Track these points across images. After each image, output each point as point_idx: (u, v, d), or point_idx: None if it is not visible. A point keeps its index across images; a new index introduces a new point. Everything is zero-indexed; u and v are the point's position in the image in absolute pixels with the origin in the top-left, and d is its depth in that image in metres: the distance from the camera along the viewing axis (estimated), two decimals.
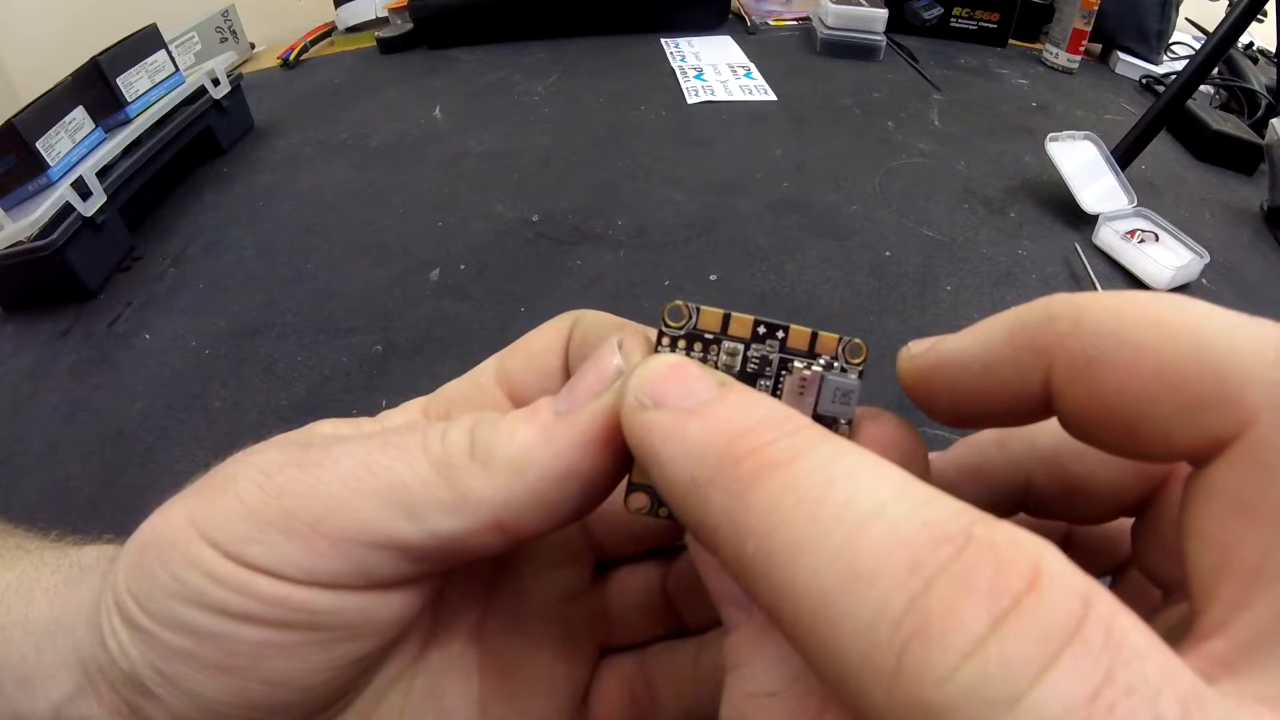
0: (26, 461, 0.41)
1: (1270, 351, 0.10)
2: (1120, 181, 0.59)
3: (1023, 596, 0.08)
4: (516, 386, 0.18)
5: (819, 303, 0.49)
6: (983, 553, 0.09)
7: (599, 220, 0.57)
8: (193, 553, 0.13)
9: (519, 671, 0.18)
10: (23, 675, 0.15)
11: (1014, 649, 0.08)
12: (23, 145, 0.50)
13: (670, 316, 0.15)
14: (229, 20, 0.83)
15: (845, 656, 0.09)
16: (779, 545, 0.10)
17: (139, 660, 0.14)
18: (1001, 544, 0.09)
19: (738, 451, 0.11)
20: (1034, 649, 0.08)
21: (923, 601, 0.08)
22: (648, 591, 0.20)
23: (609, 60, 0.84)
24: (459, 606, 0.18)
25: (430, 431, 0.15)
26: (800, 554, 0.09)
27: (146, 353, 0.47)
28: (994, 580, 0.08)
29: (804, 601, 0.09)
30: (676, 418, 0.12)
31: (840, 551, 0.09)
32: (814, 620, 0.09)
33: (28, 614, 0.16)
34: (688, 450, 0.11)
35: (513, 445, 0.14)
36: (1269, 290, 0.54)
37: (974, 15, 0.90)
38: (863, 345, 0.15)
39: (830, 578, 0.09)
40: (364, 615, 0.14)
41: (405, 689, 0.17)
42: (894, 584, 0.09)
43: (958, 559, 0.09)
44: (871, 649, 0.09)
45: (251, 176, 0.65)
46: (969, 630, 0.08)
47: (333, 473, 0.14)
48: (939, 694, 0.08)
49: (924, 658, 0.08)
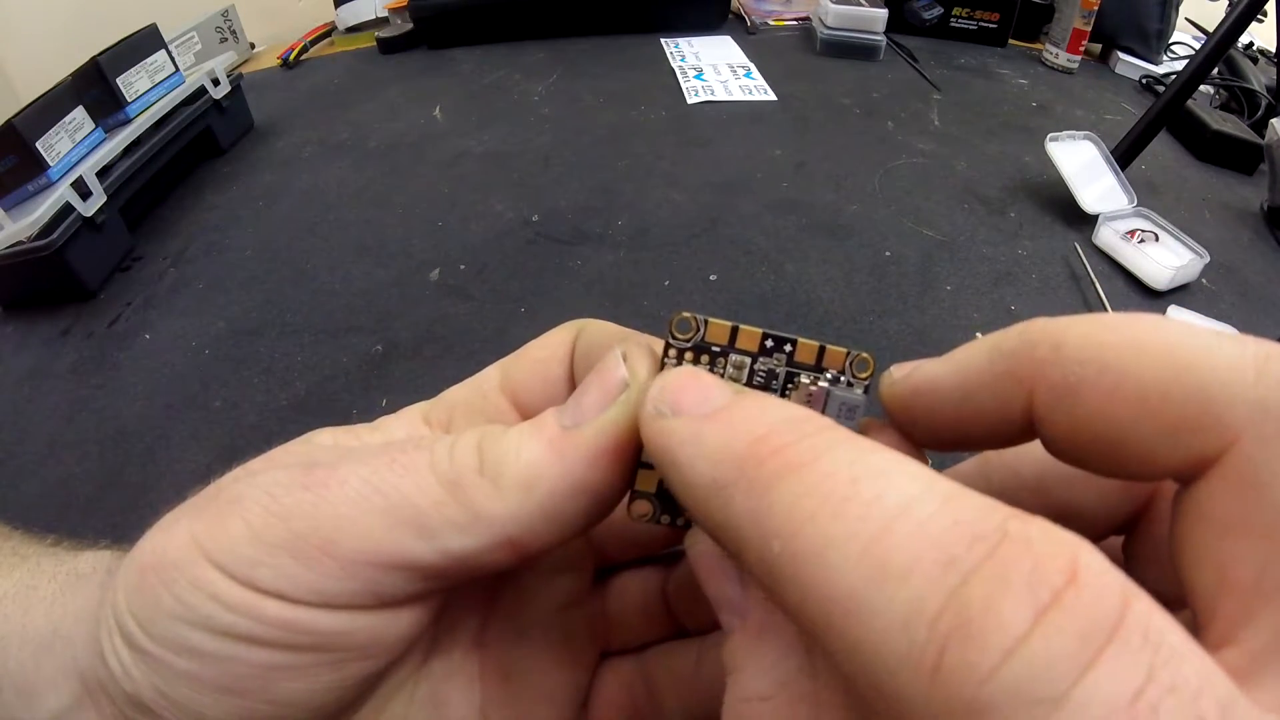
0: (26, 461, 0.41)
1: (1250, 371, 0.10)
2: (1120, 181, 0.59)
3: (1062, 592, 0.08)
4: (521, 395, 0.18)
5: (819, 303, 0.49)
6: (1019, 548, 0.09)
7: (599, 220, 0.57)
8: (198, 575, 0.13)
9: (520, 677, 0.18)
10: (22, 685, 0.15)
11: (1057, 646, 0.08)
12: (23, 145, 0.50)
13: (678, 329, 0.15)
14: (229, 20, 0.83)
15: (880, 656, 0.09)
16: (805, 545, 0.10)
17: (141, 681, 0.14)
18: (1037, 539, 0.09)
19: (759, 453, 0.11)
20: (1076, 646, 0.08)
21: (960, 598, 0.08)
22: (647, 596, 0.20)
23: (609, 60, 0.84)
24: (461, 615, 0.18)
25: (437, 448, 0.14)
26: (827, 552, 0.09)
27: (146, 353, 0.47)
28: (1032, 576, 0.08)
29: (833, 602, 0.09)
30: (694, 422, 0.12)
31: (869, 549, 0.09)
32: (844, 621, 0.09)
33: (25, 623, 0.16)
34: (708, 453, 0.11)
35: (521, 462, 0.14)
36: (1269, 290, 0.54)
37: (974, 15, 0.90)
38: (870, 359, 0.15)
39: (860, 576, 0.09)
40: (373, 634, 0.14)
41: (408, 697, 0.17)
42: (928, 581, 0.08)
43: (994, 554, 0.08)
44: (908, 648, 0.08)
45: (251, 176, 0.65)
46: (1011, 627, 0.08)
47: (340, 493, 0.14)
48: (982, 693, 0.08)
49: (964, 656, 0.08)
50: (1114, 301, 0.48)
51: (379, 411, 0.19)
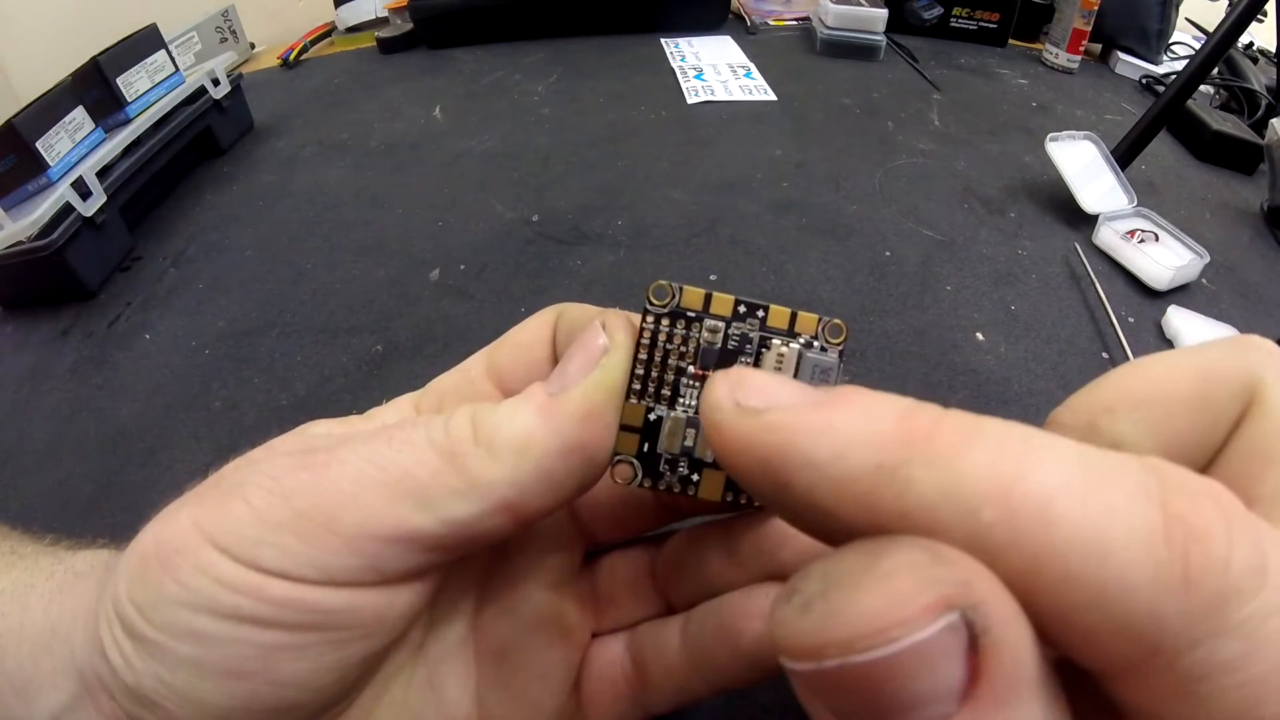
0: (26, 461, 0.41)
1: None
2: (1120, 181, 0.59)
3: (1219, 491, 0.09)
4: (506, 379, 0.19)
5: (819, 302, 0.49)
6: (1168, 468, 0.10)
7: (599, 220, 0.57)
8: (201, 559, 0.13)
9: (514, 658, 0.18)
10: (19, 684, 0.15)
11: (1251, 533, 0.09)
12: (23, 145, 0.50)
13: (655, 295, 0.15)
14: (229, 20, 0.83)
15: (1133, 587, 0.09)
16: (1023, 505, 0.09)
17: (143, 671, 0.14)
18: (1185, 473, 0.10)
19: (917, 429, 0.10)
20: (1252, 524, 0.09)
21: (1174, 514, 0.09)
22: (636, 575, 0.20)
23: (609, 60, 0.84)
24: (455, 599, 0.19)
25: (432, 423, 0.15)
26: (1050, 506, 0.09)
27: (146, 353, 0.47)
28: (1205, 488, 0.10)
29: (1071, 551, 0.09)
30: (815, 412, 0.11)
31: (1088, 494, 0.09)
32: (1085, 567, 0.09)
33: (23, 621, 0.16)
34: (862, 439, 0.10)
35: (514, 428, 0.14)
36: (1269, 290, 0.54)
37: (974, 15, 0.90)
38: (843, 325, 0.16)
39: (1090, 520, 0.09)
40: (375, 612, 0.15)
41: (406, 680, 0.17)
42: (1146, 508, 0.09)
43: (1162, 477, 0.10)
44: (1156, 568, 0.09)
45: (251, 176, 0.65)
46: (1218, 525, 0.09)
47: (341, 471, 0.14)
48: (1228, 580, 0.09)
49: (1206, 553, 0.09)
50: (1114, 301, 0.48)
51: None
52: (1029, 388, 0.43)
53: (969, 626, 0.09)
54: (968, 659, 0.09)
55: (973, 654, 0.09)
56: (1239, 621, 0.09)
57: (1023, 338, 0.47)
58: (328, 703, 0.15)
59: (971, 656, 0.09)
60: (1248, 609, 0.09)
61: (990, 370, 0.44)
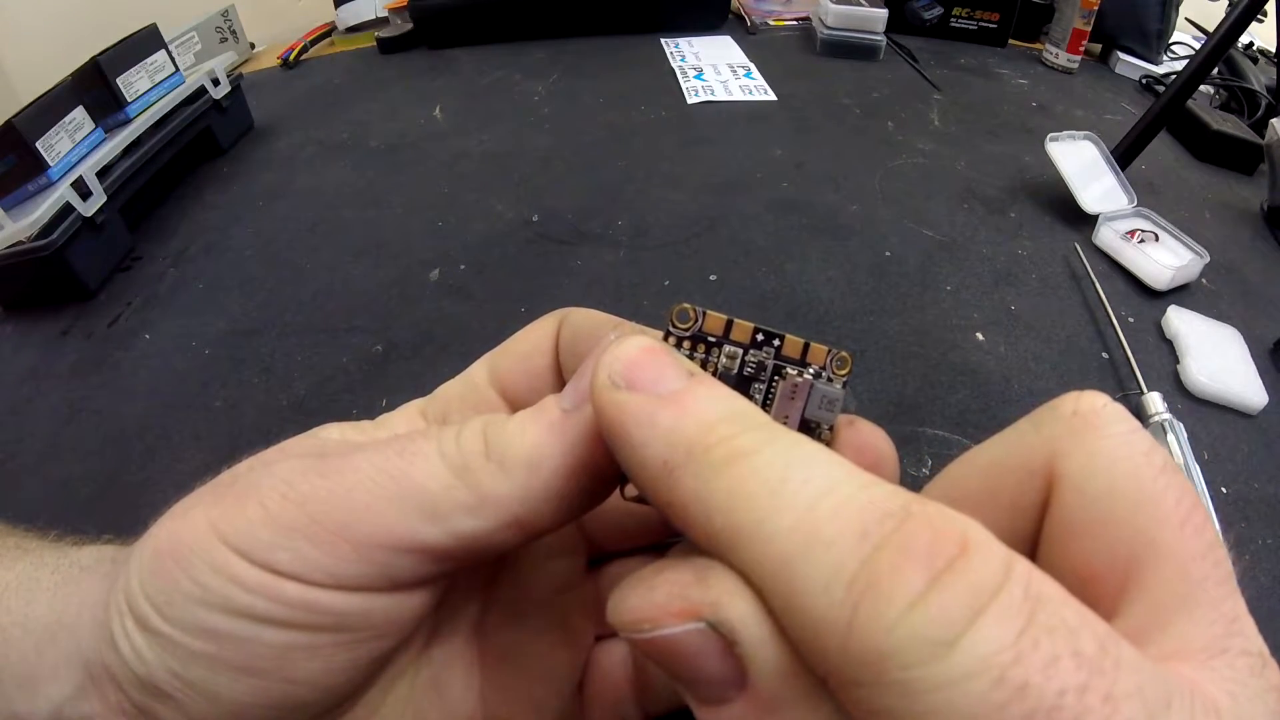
0: (26, 461, 0.41)
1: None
2: (1120, 181, 0.59)
3: (955, 560, 0.10)
4: (508, 387, 0.19)
5: (819, 302, 0.49)
6: (920, 524, 0.10)
7: (599, 220, 0.57)
8: (217, 558, 0.14)
9: (518, 660, 0.19)
10: (23, 675, 0.15)
11: (950, 601, 0.09)
12: (23, 145, 0.50)
13: (678, 319, 0.16)
14: (229, 20, 0.83)
15: (807, 613, 0.10)
16: (744, 519, 0.11)
17: (155, 664, 0.14)
18: (935, 517, 0.10)
19: (708, 440, 0.12)
20: (967, 600, 0.09)
21: (872, 564, 0.10)
22: None
23: (609, 60, 0.84)
24: (461, 601, 0.19)
25: (444, 435, 0.15)
26: (763, 525, 0.11)
27: (146, 353, 0.47)
28: (930, 546, 0.10)
29: (768, 565, 0.10)
30: (649, 404, 0.12)
31: (799, 522, 0.10)
32: (776, 583, 0.10)
33: (28, 614, 0.16)
34: (661, 436, 0.12)
35: (525, 444, 0.14)
36: (1269, 290, 0.54)
37: (974, 15, 0.90)
38: (848, 358, 0.16)
39: (791, 544, 0.10)
40: (386, 615, 0.15)
41: (410, 682, 0.17)
42: (847, 549, 0.10)
43: (900, 529, 0.10)
44: (829, 606, 0.10)
45: (251, 176, 0.65)
46: (911, 586, 0.09)
47: (354, 480, 0.14)
48: (888, 641, 0.09)
49: (874, 610, 0.09)
50: (1114, 301, 0.48)
51: (379, 411, 0.19)
52: (1029, 388, 0.43)
53: (719, 634, 0.11)
54: (729, 659, 0.11)
55: (732, 657, 0.11)
56: (897, 680, 0.09)
57: (1023, 338, 0.47)
58: (336, 701, 0.15)
59: (732, 659, 0.11)
60: (912, 673, 0.09)
61: (990, 370, 0.44)
